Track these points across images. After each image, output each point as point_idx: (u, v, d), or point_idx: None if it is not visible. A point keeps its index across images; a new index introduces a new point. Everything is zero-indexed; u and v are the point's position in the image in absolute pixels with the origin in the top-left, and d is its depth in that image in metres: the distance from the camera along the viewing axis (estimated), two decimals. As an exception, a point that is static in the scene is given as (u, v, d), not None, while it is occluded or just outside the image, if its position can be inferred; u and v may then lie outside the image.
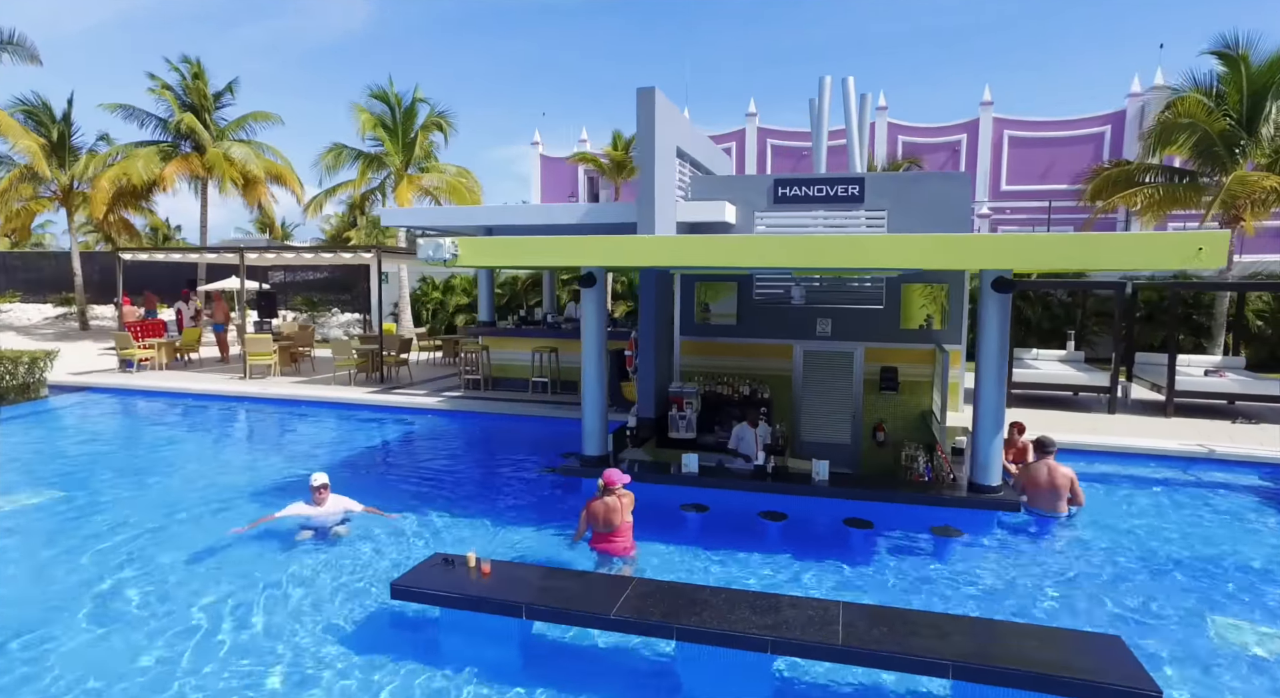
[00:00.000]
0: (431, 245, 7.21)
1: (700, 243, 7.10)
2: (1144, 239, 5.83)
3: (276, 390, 13.91)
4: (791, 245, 6.69)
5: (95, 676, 4.89)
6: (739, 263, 7.34)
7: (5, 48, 19.29)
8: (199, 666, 5.02)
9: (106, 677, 4.88)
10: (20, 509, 8.22)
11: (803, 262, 6.55)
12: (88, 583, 6.26)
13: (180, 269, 31.78)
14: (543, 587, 5.30)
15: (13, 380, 14.60)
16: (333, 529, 7.07)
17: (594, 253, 7.34)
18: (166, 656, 5.15)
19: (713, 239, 7.18)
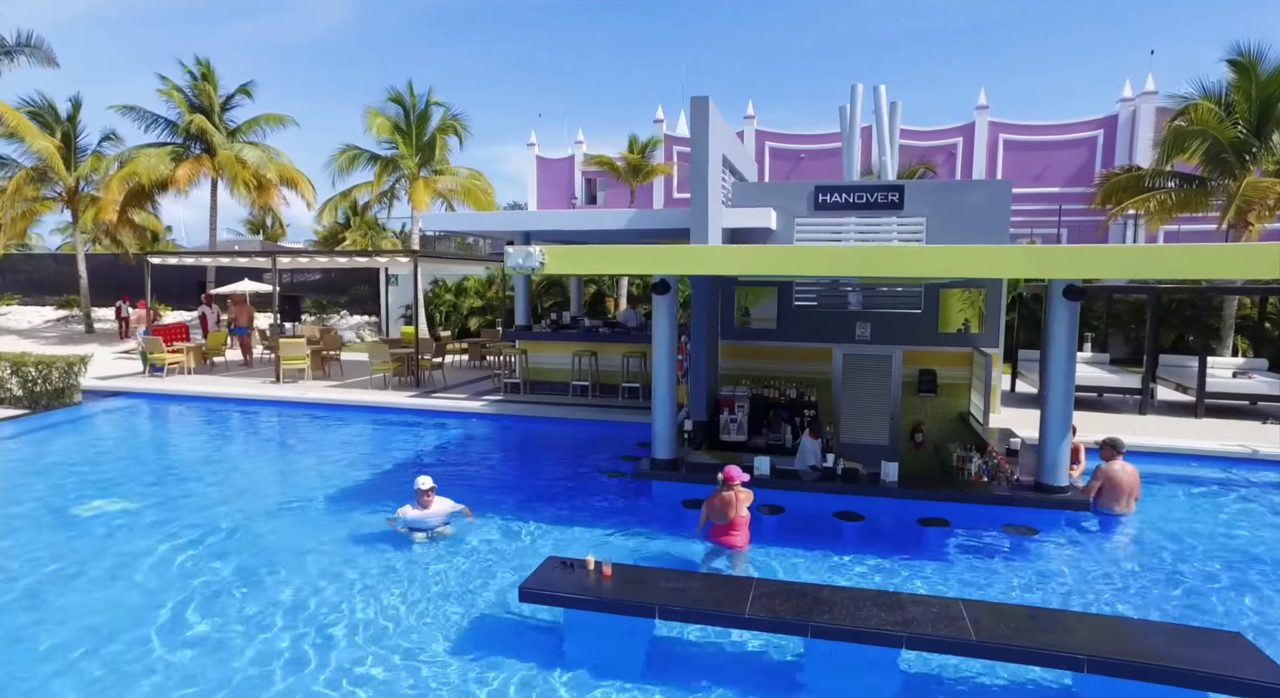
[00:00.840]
0: (521, 254, 7.38)
1: (790, 253, 7.33)
2: (1229, 251, 6.12)
3: (316, 395, 13.97)
4: (882, 256, 6.93)
5: (230, 673, 5.02)
6: (834, 273, 7.60)
7: (22, 50, 19.12)
8: (328, 666, 5.16)
9: (239, 675, 5.01)
10: (104, 515, 8.26)
11: (893, 271, 6.80)
12: (208, 585, 6.37)
13: (186, 271, 31.55)
14: (667, 588, 5.49)
15: (48, 385, 14.54)
16: (437, 529, 7.24)
17: (679, 262, 7.54)
18: (293, 658, 5.28)
19: (805, 250, 7.42)
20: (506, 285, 25.69)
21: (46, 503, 8.70)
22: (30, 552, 7.16)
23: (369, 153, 24.46)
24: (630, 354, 13.58)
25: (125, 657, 5.28)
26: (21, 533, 7.72)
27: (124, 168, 23.12)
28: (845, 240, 12.20)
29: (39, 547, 7.30)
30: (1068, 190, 38.56)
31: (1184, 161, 18.36)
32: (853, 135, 14.98)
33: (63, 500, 8.78)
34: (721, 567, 6.81)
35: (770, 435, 11.29)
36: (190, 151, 24.89)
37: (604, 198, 46.23)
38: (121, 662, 5.22)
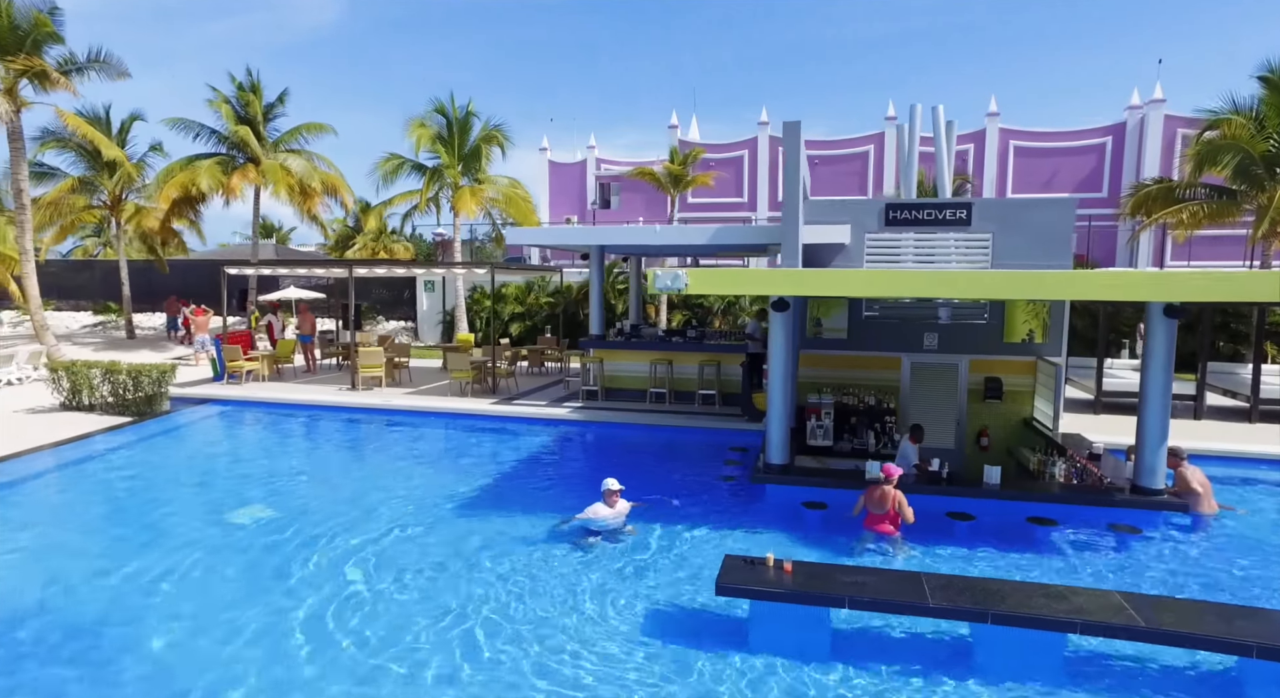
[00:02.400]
0: (670, 276, 8.04)
1: (926, 278, 8.00)
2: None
3: (402, 402, 14.56)
4: (1015, 280, 7.61)
5: (453, 662, 5.66)
6: (972, 295, 8.27)
7: (92, 65, 19.59)
8: (539, 658, 5.80)
9: (463, 667, 5.66)
10: (254, 523, 8.84)
11: (1024, 294, 7.47)
12: (400, 583, 6.99)
13: (215, 276, 31.96)
14: (846, 581, 6.15)
15: (139, 392, 15.06)
16: (624, 529, 7.87)
17: (812, 284, 8.23)
18: (505, 650, 5.92)
19: (941, 275, 8.12)
20: (544, 292, 26.37)
21: (204, 509, 9.28)
22: (221, 556, 7.77)
23: (411, 162, 25.03)
24: (705, 362, 14.24)
25: (388, 657, 5.92)
26: (202, 538, 8.31)
27: (177, 177, 23.61)
28: (913, 255, 12.88)
29: (220, 550, 7.91)
30: (1076, 196, 39.45)
31: (1213, 174, 19.18)
32: (911, 153, 15.65)
33: (216, 506, 9.36)
34: (876, 550, 7.61)
35: (854, 441, 11.96)
36: (235, 161, 25.38)
37: (617, 203, 46.85)
38: (384, 661, 5.85)
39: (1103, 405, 13.96)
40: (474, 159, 24.34)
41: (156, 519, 8.94)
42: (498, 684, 5.44)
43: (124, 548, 7.95)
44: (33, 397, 16.64)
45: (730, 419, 13.41)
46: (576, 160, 47.29)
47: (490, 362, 15.42)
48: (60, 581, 7.16)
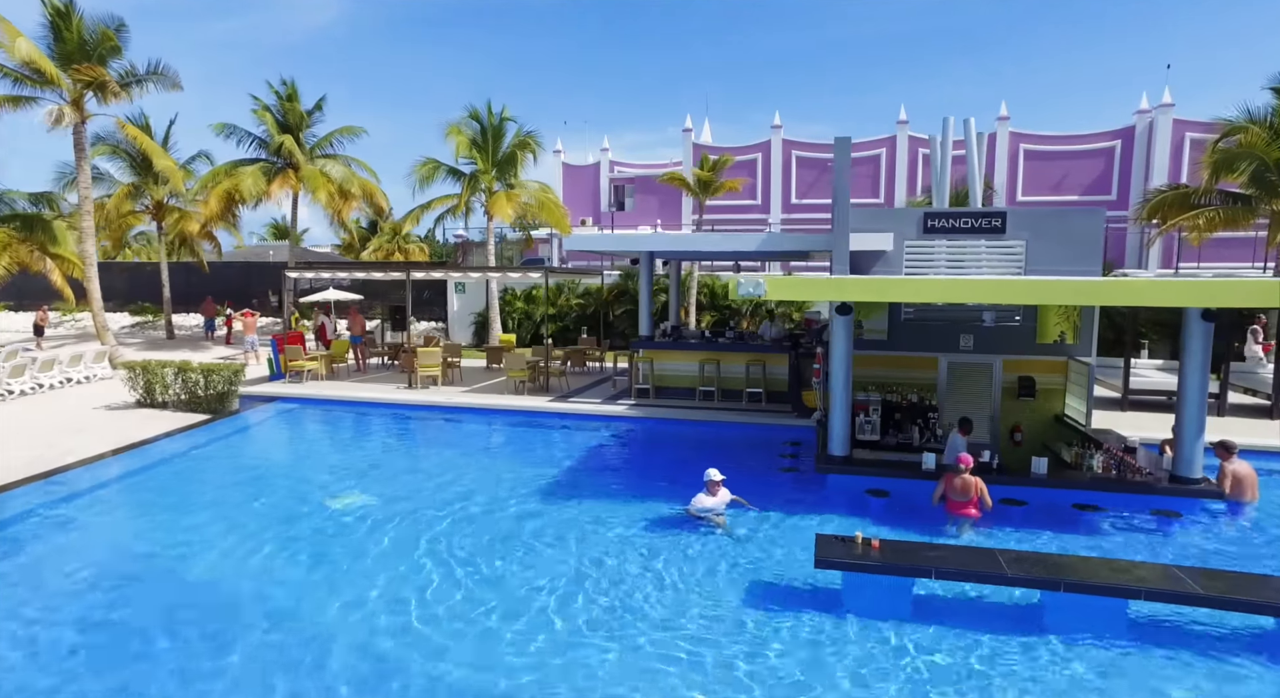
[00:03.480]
0: (751, 283, 8.87)
1: (989, 286, 8.83)
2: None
3: (464, 400, 15.36)
4: (1081, 288, 8.42)
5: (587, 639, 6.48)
6: (1032, 302, 9.05)
7: (150, 78, 20.37)
8: (660, 625, 6.61)
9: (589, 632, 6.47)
10: (358, 508, 9.63)
11: (1089, 301, 8.27)
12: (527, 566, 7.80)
13: (248, 276, 32.87)
14: (929, 555, 6.96)
15: (211, 390, 15.86)
16: (721, 516, 8.67)
17: (890, 292, 9.05)
18: (629, 616, 6.73)
19: (1003, 283, 8.93)
20: (574, 294, 27.17)
21: (300, 498, 10.08)
22: (337, 543, 8.58)
23: (447, 166, 25.81)
24: (752, 362, 15.04)
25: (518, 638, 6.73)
26: (310, 524, 9.12)
27: (222, 183, 24.42)
28: (945, 262, 13.67)
29: (340, 538, 8.72)
30: (1085, 199, 40.20)
31: (1230, 181, 19.96)
32: (944, 163, 16.45)
33: (311, 495, 10.16)
34: (957, 532, 8.50)
35: (899, 436, 12.76)
36: (276, 166, 26.18)
37: (632, 204, 47.61)
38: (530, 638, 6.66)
39: (1129, 402, 14.74)
40: (508, 164, 25.11)
41: (269, 508, 9.75)
42: (629, 643, 6.24)
43: (255, 532, 8.76)
44: (105, 394, 17.46)
45: (776, 416, 14.20)
46: (589, 163, 48.00)
47: (543, 361, 16.21)
48: (233, 556, 7.98)
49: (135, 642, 6.23)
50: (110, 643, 6.24)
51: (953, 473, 8.91)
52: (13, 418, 15.08)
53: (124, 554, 8.22)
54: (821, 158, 43.62)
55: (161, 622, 6.59)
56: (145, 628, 6.47)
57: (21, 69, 18.68)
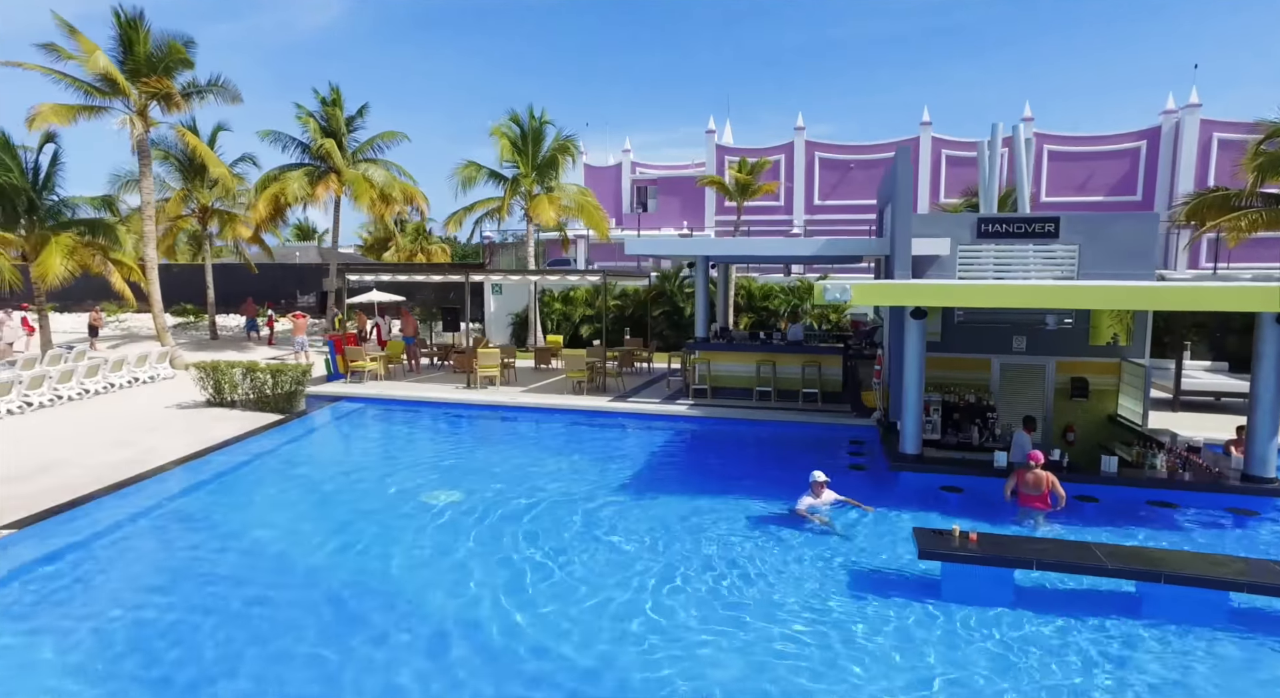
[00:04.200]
0: (838, 288, 9.28)
1: (1067, 291, 9.19)
2: None
3: (526, 400, 15.82)
4: (1163, 293, 8.77)
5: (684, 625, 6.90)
6: (1112, 306, 9.42)
7: (210, 90, 20.96)
8: (770, 612, 7.03)
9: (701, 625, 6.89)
10: (454, 504, 10.09)
11: (1168, 306, 8.60)
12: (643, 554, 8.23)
13: (276, 278, 33.46)
14: (1029, 547, 7.34)
15: (279, 390, 16.39)
16: (819, 516, 9.09)
17: (964, 296, 9.40)
18: (741, 600, 7.15)
19: (1084, 288, 9.28)
20: (611, 295, 27.59)
21: (399, 494, 10.55)
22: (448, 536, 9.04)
23: (488, 169, 26.32)
24: (808, 364, 15.42)
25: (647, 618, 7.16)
26: (428, 520, 9.59)
27: (270, 188, 25.01)
28: (993, 266, 14.02)
29: (444, 530, 9.18)
30: (1110, 200, 40.32)
31: (1273, 183, 20.19)
32: (993, 170, 16.76)
33: (407, 491, 10.62)
34: (1033, 524, 8.93)
35: (959, 435, 13.11)
36: (320, 170, 26.73)
37: (654, 206, 48.03)
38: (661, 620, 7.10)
39: (1181, 403, 15.04)
40: (549, 168, 25.57)
41: (372, 503, 10.21)
42: (741, 627, 6.67)
43: (366, 526, 9.24)
44: (174, 393, 18.05)
45: (833, 415, 14.57)
46: (610, 164, 48.39)
47: (601, 362, 16.65)
48: (356, 548, 8.46)
49: (291, 617, 6.71)
50: (266, 620, 6.73)
51: (1024, 469, 9.30)
52: (95, 416, 15.67)
53: (253, 546, 8.68)
54: (844, 159, 43.92)
55: (305, 602, 7.09)
56: (296, 605, 6.98)
57: (93, 81, 19.31)
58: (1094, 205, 39.04)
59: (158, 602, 7.17)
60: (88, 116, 19.59)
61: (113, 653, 6.26)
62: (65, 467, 11.99)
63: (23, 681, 5.85)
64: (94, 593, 7.42)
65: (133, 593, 7.42)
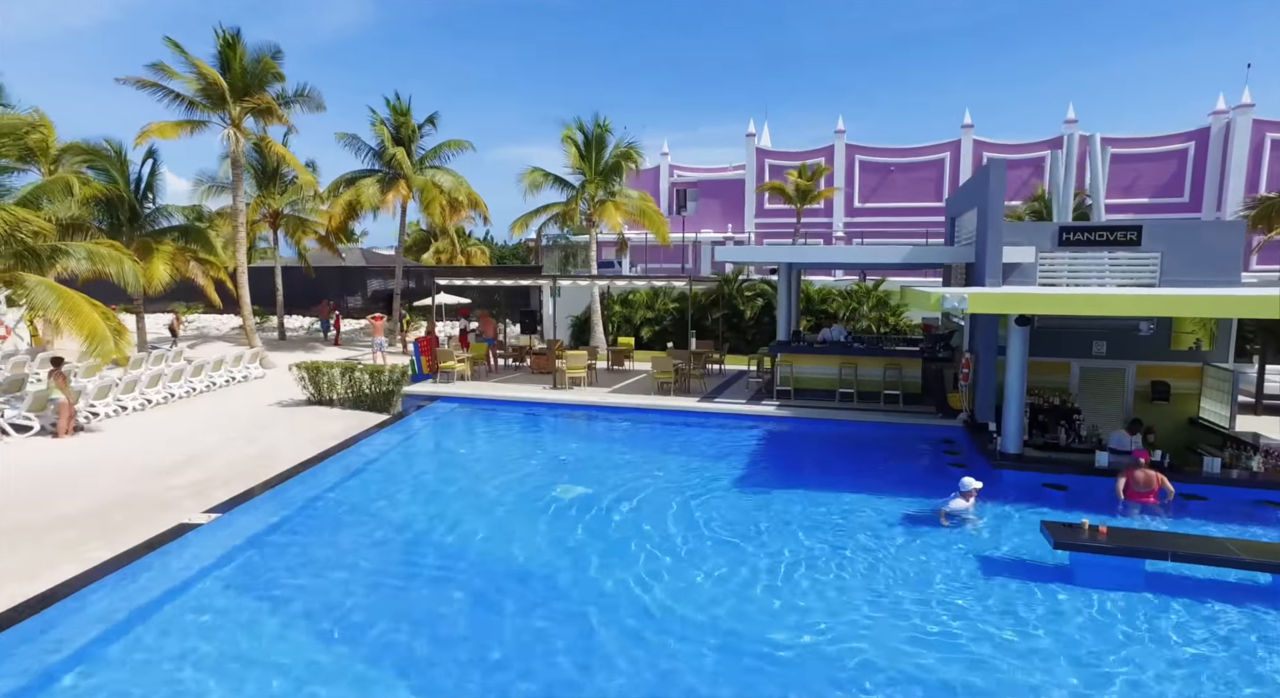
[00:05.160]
0: (956, 297, 9.85)
1: (1169, 301, 9.69)
2: None
3: (618, 400, 16.53)
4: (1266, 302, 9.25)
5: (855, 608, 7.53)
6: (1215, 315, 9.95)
7: (298, 100, 21.97)
8: (919, 597, 7.64)
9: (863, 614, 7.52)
10: (581, 498, 10.79)
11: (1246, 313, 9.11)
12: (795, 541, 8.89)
13: (329, 281, 34.47)
14: (1159, 540, 7.89)
15: (377, 389, 17.23)
16: (970, 518, 9.71)
17: (1052, 305, 10.01)
18: (890, 589, 7.77)
19: (1175, 298, 9.73)
20: (669, 298, 28.25)
21: (530, 488, 11.28)
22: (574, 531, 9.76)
23: (553, 175, 27.09)
24: (889, 366, 15.97)
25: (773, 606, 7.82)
26: (563, 515, 10.32)
27: (344, 194, 26.00)
28: (1067, 273, 14.48)
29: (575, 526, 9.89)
30: (1156, 202, 40.25)
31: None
32: (1069, 179, 17.19)
33: (537, 486, 11.35)
34: (1147, 519, 9.51)
35: (1045, 436, 13.60)
36: (390, 177, 27.68)
37: (694, 208, 48.63)
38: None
39: (1263, 407, 15.40)
40: (612, 173, 26.26)
41: (509, 497, 10.97)
42: (889, 610, 7.30)
43: (511, 516, 10.01)
44: (270, 392, 18.99)
45: (915, 416, 15.10)
46: (649, 166, 48.96)
47: (685, 364, 17.32)
48: (513, 536, 9.22)
49: (461, 593, 7.47)
50: (461, 594, 7.50)
51: (1134, 467, 9.87)
52: (206, 414, 16.61)
53: (421, 534, 9.45)
54: (884, 162, 44.23)
55: (471, 580, 7.92)
56: (466, 583, 7.80)
57: (196, 96, 20.40)
58: (1140, 207, 39.02)
59: (356, 577, 8.02)
60: (189, 131, 20.66)
61: (335, 618, 7.07)
62: (206, 461, 12.88)
63: (258, 642, 6.65)
64: (298, 570, 8.25)
65: (333, 569, 8.25)
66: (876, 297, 25.37)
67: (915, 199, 44.60)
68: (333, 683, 5.97)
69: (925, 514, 9.82)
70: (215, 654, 6.40)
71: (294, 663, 6.25)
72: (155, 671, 6.15)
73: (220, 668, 6.18)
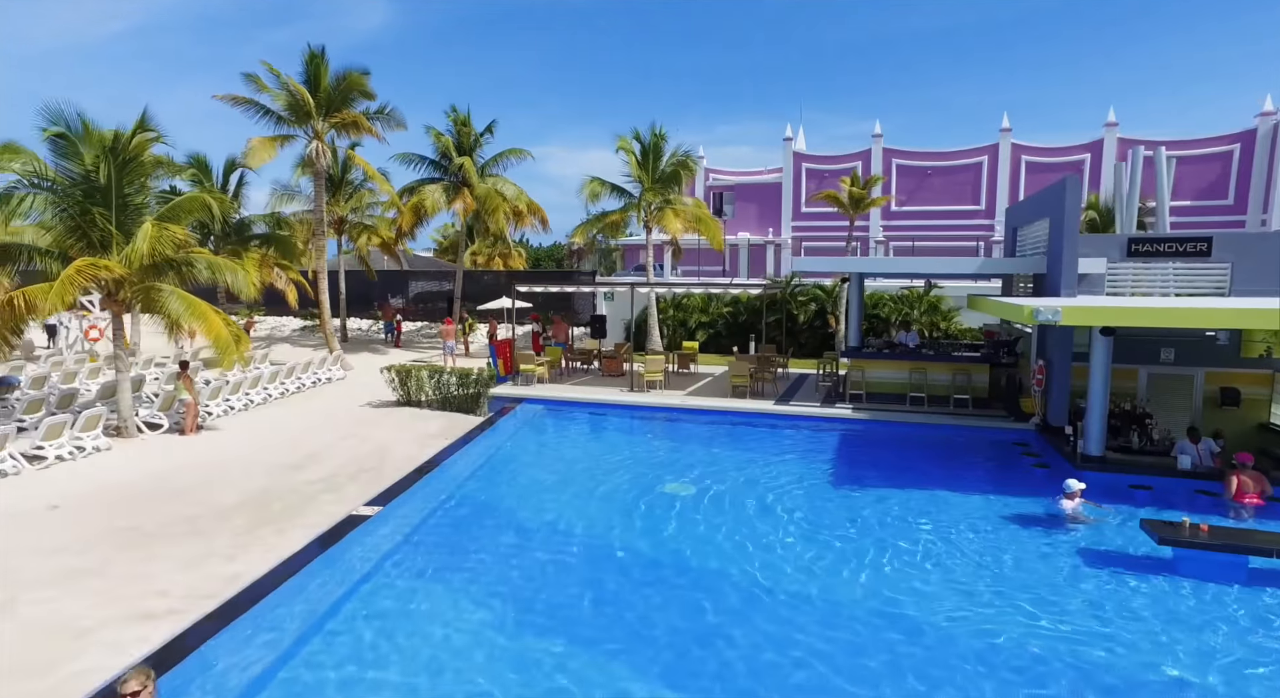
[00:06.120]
0: (1050, 310, 10.55)
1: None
2: None
3: (696, 402, 17.35)
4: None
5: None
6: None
7: (378, 116, 23.10)
8: (1026, 584, 8.40)
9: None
10: (685, 496, 11.62)
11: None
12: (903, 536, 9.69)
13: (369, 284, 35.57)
14: (1258, 537, 8.56)
15: (464, 391, 18.22)
16: (1084, 516, 10.44)
17: (1149, 318, 10.69)
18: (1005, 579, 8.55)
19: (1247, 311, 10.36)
20: (722, 303, 29.01)
21: (639, 485, 12.15)
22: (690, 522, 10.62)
23: (611, 184, 27.98)
24: (958, 372, 16.65)
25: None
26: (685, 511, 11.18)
27: (411, 202, 27.10)
28: (1131, 284, 15.04)
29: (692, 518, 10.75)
30: (1199, 204, 40.25)
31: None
32: (1133, 190, 17.72)
33: (644, 483, 12.21)
34: (1247, 517, 10.19)
35: (1118, 440, 14.21)
36: (452, 184, 28.76)
37: (731, 212, 49.26)
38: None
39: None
40: (670, 182, 27.09)
41: (621, 493, 11.83)
42: (1004, 599, 8.06)
43: (628, 511, 10.91)
44: (357, 392, 20.03)
45: (989, 419, 15.75)
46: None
47: (758, 368, 18.10)
48: (639, 529, 10.11)
49: (609, 575, 8.35)
50: (610, 575, 8.40)
51: (1239, 469, 10.63)
52: (305, 412, 17.69)
53: (548, 526, 10.35)
54: (921, 166, 44.58)
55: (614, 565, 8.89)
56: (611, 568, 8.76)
57: (284, 111, 21.59)
58: (1182, 210, 39.03)
59: (515, 560, 9.08)
60: (281, 146, 21.85)
61: (506, 594, 8.04)
62: (325, 458, 13.88)
63: (440, 617, 7.58)
64: (465, 554, 9.28)
65: (489, 554, 9.26)
66: (929, 301, 25.97)
67: (953, 203, 44.95)
68: (523, 645, 6.96)
69: (1030, 513, 10.55)
70: (426, 616, 7.54)
71: (483, 628, 7.29)
72: (388, 627, 7.30)
73: (431, 634, 7.19)
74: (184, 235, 14.20)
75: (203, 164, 21.54)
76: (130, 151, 14.21)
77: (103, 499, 11.22)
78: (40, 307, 12.84)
